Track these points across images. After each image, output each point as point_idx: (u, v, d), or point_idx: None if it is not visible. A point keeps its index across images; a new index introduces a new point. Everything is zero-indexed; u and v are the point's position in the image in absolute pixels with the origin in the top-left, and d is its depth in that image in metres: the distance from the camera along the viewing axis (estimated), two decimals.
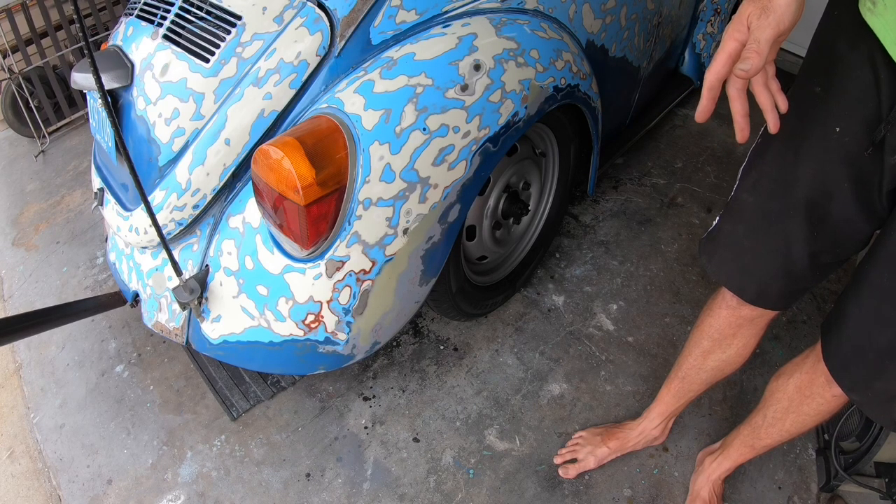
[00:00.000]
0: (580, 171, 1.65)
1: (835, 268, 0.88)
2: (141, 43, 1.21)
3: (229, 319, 1.18)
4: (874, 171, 0.74)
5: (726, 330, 1.05)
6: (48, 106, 2.48)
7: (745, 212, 0.90)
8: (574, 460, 1.34)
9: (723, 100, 0.69)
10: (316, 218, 1.01)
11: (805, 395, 0.97)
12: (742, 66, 0.64)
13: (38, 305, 1.79)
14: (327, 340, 1.15)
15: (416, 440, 1.41)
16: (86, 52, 0.79)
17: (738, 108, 0.69)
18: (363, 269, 1.09)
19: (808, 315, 1.65)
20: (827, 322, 0.88)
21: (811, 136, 0.78)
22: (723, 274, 0.96)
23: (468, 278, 1.45)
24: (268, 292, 1.12)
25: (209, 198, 1.15)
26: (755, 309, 0.97)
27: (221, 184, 1.14)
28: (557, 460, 1.35)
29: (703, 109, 0.70)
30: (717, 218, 0.97)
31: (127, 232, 1.28)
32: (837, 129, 0.74)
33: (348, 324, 1.14)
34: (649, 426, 1.30)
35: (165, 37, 1.17)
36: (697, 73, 2.20)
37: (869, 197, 0.76)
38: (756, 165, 0.88)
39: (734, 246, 0.93)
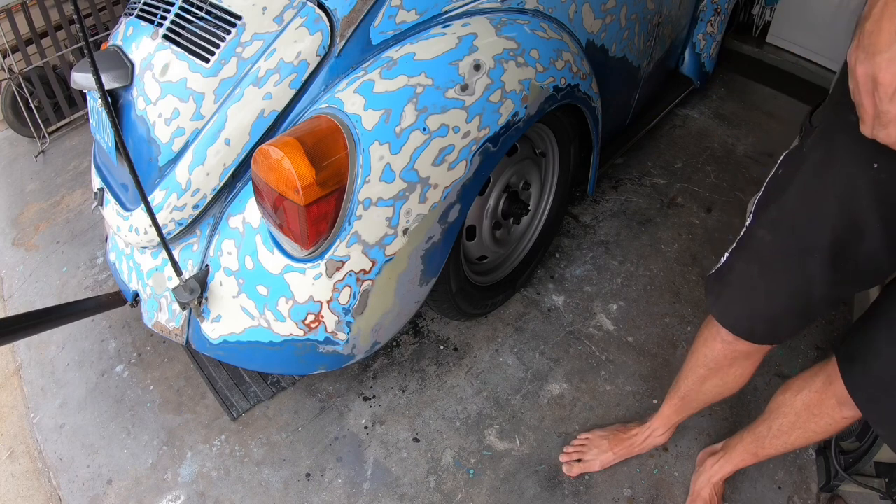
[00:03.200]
0: (580, 171, 1.65)
1: (848, 300, 0.85)
2: (141, 43, 1.21)
3: (229, 319, 1.18)
4: None
5: (722, 361, 1.02)
6: (48, 106, 2.48)
7: (763, 250, 0.84)
8: (579, 460, 1.34)
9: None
10: (316, 218, 1.01)
11: (813, 413, 0.95)
12: None
13: (38, 305, 1.79)
14: (327, 340, 1.15)
15: (416, 440, 1.41)
16: (86, 52, 0.79)
17: None
18: (363, 269, 1.09)
19: None
20: (848, 351, 0.85)
21: (844, 171, 0.71)
22: (730, 317, 0.92)
23: (468, 278, 1.45)
24: (268, 292, 1.12)
25: (209, 198, 1.15)
26: (752, 344, 0.94)
27: (221, 184, 1.14)
28: (563, 458, 1.35)
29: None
30: (727, 254, 0.91)
31: (127, 232, 1.28)
32: (875, 165, 0.67)
33: (348, 324, 1.14)
34: (654, 434, 1.30)
35: (165, 37, 1.18)
36: (697, 73, 2.20)
37: None
38: (776, 199, 0.81)
39: (746, 287, 0.88)
